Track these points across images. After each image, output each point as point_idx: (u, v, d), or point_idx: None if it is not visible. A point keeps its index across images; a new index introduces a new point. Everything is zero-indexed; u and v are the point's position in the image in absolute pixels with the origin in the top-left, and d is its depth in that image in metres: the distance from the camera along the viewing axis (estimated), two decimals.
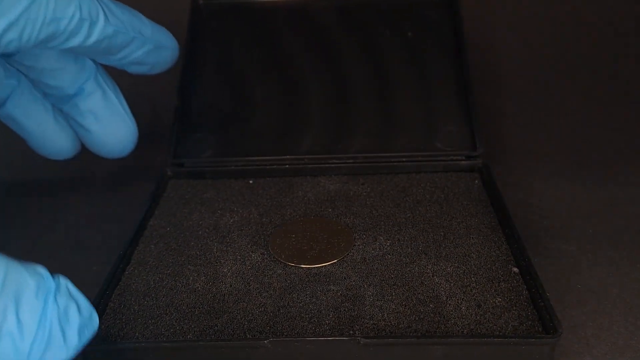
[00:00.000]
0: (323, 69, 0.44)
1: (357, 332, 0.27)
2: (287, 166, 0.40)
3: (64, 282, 0.22)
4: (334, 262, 0.31)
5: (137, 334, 0.27)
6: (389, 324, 0.27)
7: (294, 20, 0.46)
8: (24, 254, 0.38)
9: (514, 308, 0.28)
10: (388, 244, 0.32)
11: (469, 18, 0.45)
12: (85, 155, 0.49)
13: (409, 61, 0.44)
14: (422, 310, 0.28)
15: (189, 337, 0.27)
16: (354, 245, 0.32)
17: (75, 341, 0.21)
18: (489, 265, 0.31)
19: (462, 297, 0.28)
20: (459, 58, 0.43)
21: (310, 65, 0.44)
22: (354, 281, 0.30)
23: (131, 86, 0.54)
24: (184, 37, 0.45)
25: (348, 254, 0.32)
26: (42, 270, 0.21)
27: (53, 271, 0.35)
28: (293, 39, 0.45)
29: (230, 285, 0.30)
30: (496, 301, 0.28)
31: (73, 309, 0.21)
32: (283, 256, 0.31)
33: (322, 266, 0.31)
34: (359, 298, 0.29)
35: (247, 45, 0.45)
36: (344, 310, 0.28)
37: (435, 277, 0.30)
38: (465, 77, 0.42)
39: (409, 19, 0.45)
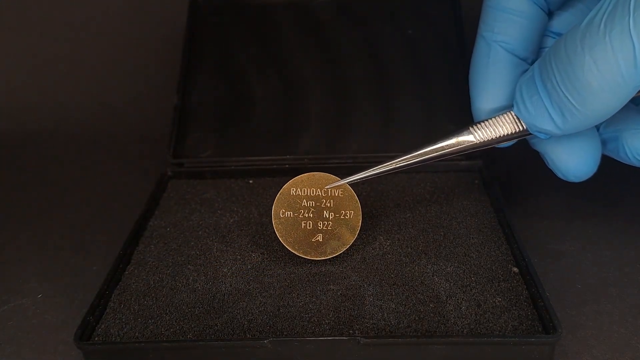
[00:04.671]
0: (323, 67, 0.44)
1: (357, 332, 0.27)
2: (287, 166, 0.40)
3: None
4: (344, 252, 0.31)
5: (137, 334, 0.27)
6: (389, 323, 0.27)
7: (294, 17, 0.46)
8: (24, 253, 0.38)
9: (514, 308, 0.28)
10: (388, 244, 0.32)
11: (470, 15, 0.45)
12: (84, 155, 0.50)
13: (410, 59, 0.44)
14: (422, 310, 0.28)
15: (189, 337, 0.27)
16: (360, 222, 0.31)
17: None
18: (489, 265, 0.31)
19: (462, 297, 0.28)
20: (459, 56, 0.43)
21: (310, 63, 0.44)
22: (354, 281, 0.30)
23: (131, 86, 0.55)
24: (182, 35, 0.45)
25: (350, 252, 0.31)
26: None
27: (52, 271, 0.35)
28: (292, 36, 0.45)
29: (230, 285, 0.30)
30: (496, 301, 0.28)
31: None
32: (290, 246, 0.31)
33: (331, 259, 0.31)
34: (358, 298, 0.29)
35: (247, 43, 0.45)
36: (344, 310, 0.28)
37: (435, 276, 0.30)
38: (466, 75, 0.42)
39: (410, 17, 0.45)
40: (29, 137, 0.52)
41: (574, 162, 0.30)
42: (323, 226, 0.31)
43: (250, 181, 0.40)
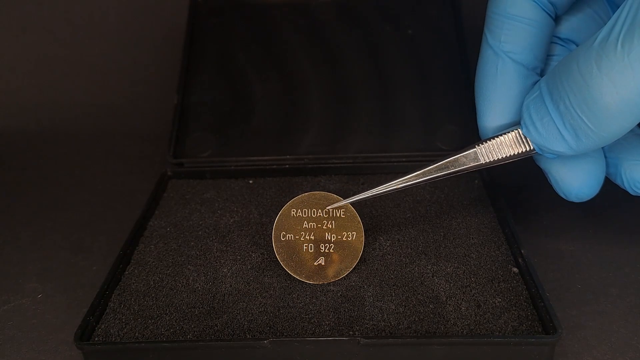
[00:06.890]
0: (323, 67, 0.44)
1: (356, 333, 0.27)
2: (287, 166, 0.40)
3: None
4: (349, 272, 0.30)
5: (137, 334, 0.27)
6: (389, 324, 0.27)
7: (294, 18, 0.46)
8: (24, 253, 0.38)
9: (514, 308, 0.28)
10: (388, 244, 0.32)
11: (470, 15, 0.45)
12: (84, 154, 0.50)
13: (410, 59, 0.44)
14: (421, 310, 0.28)
15: (189, 337, 0.27)
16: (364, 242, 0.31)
17: None
18: (489, 265, 0.31)
19: (462, 297, 0.28)
20: (460, 56, 0.43)
21: (310, 63, 0.44)
22: (353, 281, 0.30)
23: (131, 86, 0.55)
24: (182, 35, 0.45)
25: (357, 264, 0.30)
26: None
27: (52, 271, 0.35)
28: (292, 36, 0.45)
29: (230, 286, 0.30)
30: (496, 301, 0.28)
31: None
32: (292, 270, 0.30)
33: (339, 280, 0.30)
34: (358, 298, 0.29)
35: (247, 43, 0.45)
36: (344, 310, 0.28)
37: (435, 277, 0.30)
38: (466, 75, 0.42)
39: (410, 17, 0.45)
40: (29, 137, 0.52)
41: (577, 184, 0.29)
42: (325, 249, 0.30)
43: (250, 181, 0.40)
